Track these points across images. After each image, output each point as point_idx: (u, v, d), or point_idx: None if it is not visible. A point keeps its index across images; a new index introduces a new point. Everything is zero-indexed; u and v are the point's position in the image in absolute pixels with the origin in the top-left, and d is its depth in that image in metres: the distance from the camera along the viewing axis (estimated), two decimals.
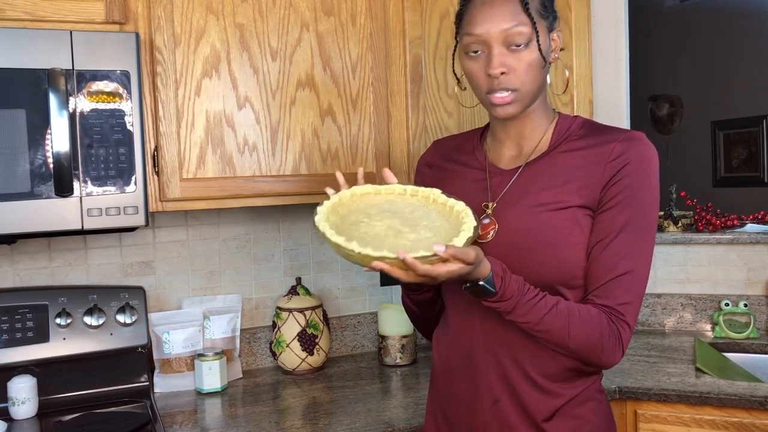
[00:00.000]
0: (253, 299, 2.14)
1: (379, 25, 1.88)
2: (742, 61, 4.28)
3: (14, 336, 1.75)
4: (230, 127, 1.74)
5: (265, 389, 1.91)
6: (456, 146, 1.36)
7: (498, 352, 1.21)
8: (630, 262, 1.15)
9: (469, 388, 1.24)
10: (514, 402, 1.20)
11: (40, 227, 1.50)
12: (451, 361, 1.28)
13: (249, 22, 1.74)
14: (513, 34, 1.13)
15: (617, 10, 2.39)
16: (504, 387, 1.21)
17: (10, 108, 1.46)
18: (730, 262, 2.30)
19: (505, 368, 1.21)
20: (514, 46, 1.13)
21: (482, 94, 1.19)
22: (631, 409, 1.79)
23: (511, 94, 1.15)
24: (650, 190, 1.17)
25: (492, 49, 1.14)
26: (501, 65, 1.13)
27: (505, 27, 1.12)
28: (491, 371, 1.22)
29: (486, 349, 1.22)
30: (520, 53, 1.14)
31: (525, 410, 1.20)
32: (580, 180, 1.18)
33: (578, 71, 2.18)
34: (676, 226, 2.41)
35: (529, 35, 1.13)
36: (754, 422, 1.67)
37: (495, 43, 1.13)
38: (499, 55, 1.13)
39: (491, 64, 1.13)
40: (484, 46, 1.15)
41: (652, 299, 2.38)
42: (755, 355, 2.15)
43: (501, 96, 1.15)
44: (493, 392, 1.21)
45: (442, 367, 1.31)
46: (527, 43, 1.14)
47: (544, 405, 1.20)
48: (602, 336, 1.14)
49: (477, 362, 1.23)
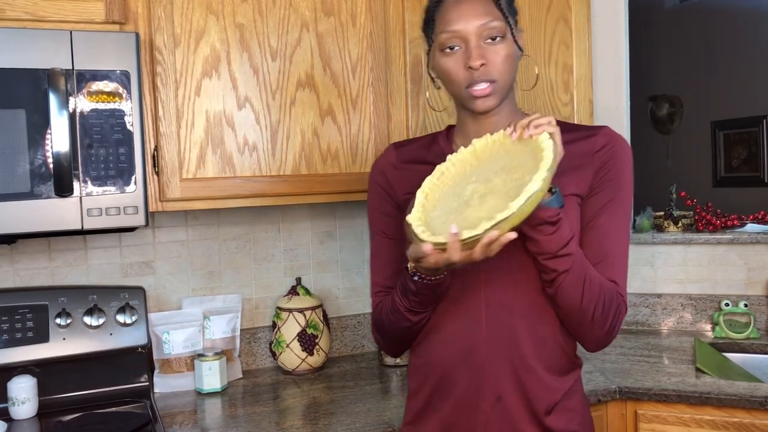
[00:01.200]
0: (253, 299, 2.14)
1: (379, 25, 1.88)
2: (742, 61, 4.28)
3: (14, 336, 1.75)
4: (230, 127, 1.74)
5: (265, 389, 1.91)
6: (422, 147, 1.34)
7: (504, 346, 1.21)
8: (618, 244, 1.22)
9: (469, 388, 1.23)
10: (520, 397, 1.21)
11: (39, 227, 1.50)
12: (446, 365, 1.25)
13: (249, 22, 1.74)
14: (489, 28, 1.17)
15: (617, 10, 2.39)
16: (510, 382, 1.21)
17: (11, 108, 1.46)
18: (730, 262, 2.30)
19: (513, 362, 1.21)
20: (490, 39, 1.18)
21: (461, 89, 1.20)
22: (631, 409, 1.79)
23: (490, 86, 1.19)
24: (630, 177, 1.27)
25: (470, 43, 1.17)
26: (481, 57, 1.17)
27: (481, 22, 1.17)
28: (497, 367, 1.21)
29: (491, 344, 1.21)
30: (496, 46, 1.18)
31: (529, 405, 1.21)
32: (571, 171, 1.22)
33: (578, 71, 2.18)
34: (676, 226, 2.41)
35: (503, 29, 1.18)
36: (754, 422, 1.67)
37: (472, 37, 1.17)
38: (477, 48, 1.17)
39: (471, 56, 1.17)
40: (461, 41, 1.18)
41: (652, 299, 2.38)
42: (755, 355, 2.15)
43: (481, 88, 1.18)
44: (497, 389, 1.21)
45: (431, 373, 1.27)
46: (503, 36, 1.18)
47: (545, 399, 1.21)
48: (612, 305, 1.18)
49: (480, 359, 1.22)
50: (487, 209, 1.03)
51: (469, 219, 1.03)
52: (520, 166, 1.06)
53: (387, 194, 1.31)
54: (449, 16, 1.19)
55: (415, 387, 1.31)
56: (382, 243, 1.32)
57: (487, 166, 1.12)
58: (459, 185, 1.12)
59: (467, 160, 1.15)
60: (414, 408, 1.31)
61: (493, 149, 1.14)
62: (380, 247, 1.32)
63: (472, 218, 1.03)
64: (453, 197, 1.10)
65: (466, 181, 1.12)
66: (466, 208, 1.06)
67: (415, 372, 1.31)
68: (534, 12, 2.10)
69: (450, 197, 1.11)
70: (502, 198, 1.03)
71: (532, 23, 2.10)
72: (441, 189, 1.13)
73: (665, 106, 4.74)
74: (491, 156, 1.13)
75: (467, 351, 1.23)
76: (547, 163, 1.01)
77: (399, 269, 1.26)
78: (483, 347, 1.22)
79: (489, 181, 1.08)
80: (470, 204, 1.06)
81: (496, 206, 1.01)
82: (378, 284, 1.31)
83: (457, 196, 1.10)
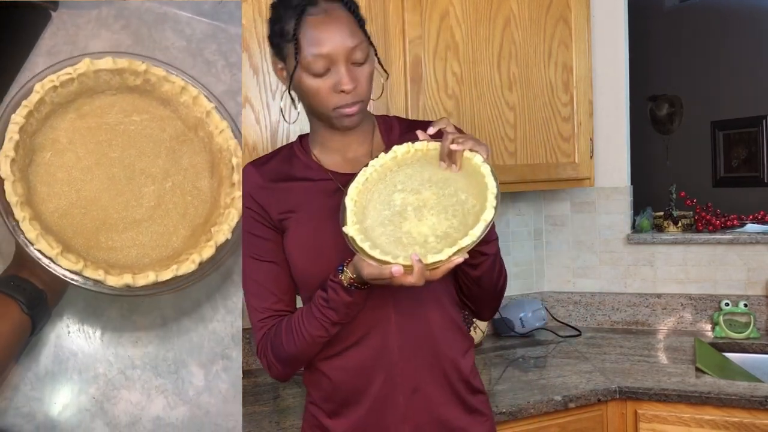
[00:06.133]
0: None
1: (379, 25, 1.88)
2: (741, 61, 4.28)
3: None
4: None
5: (265, 389, 1.91)
6: (282, 163, 1.30)
7: (416, 338, 1.24)
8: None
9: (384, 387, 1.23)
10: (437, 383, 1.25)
11: None
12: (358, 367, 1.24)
13: (249, 22, 1.74)
14: (356, 51, 1.17)
15: (617, 10, 2.39)
16: (425, 372, 1.24)
17: None
18: (730, 262, 2.30)
19: (426, 351, 1.24)
20: (355, 62, 1.18)
21: (328, 109, 1.21)
22: (631, 409, 1.79)
23: (358, 105, 1.20)
24: None
25: (340, 67, 1.17)
26: (353, 80, 1.17)
27: (349, 45, 1.17)
28: (411, 360, 1.23)
29: (403, 338, 1.23)
30: (363, 67, 1.19)
31: (448, 387, 1.26)
32: None
33: (578, 71, 2.19)
34: (676, 226, 2.41)
35: (367, 50, 1.20)
36: (754, 422, 1.67)
37: (343, 59, 1.17)
38: (348, 71, 1.17)
39: (342, 81, 1.17)
40: (330, 64, 1.17)
41: (652, 299, 2.38)
42: (755, 355, 2.15)
43: (351, 110, 1.20)
44: (413, 381, 1.23)
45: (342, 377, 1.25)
46: (367, 56, 1.20)
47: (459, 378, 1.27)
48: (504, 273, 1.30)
49: (394, 356, 1.23)
50: (429, 226, 1.09)
51: (411, 234, 1.09)
52: (450, 182, 1.13)
53: (261, 217, 1.25)
54: (317, 37, 1.16)
55: (321, 394, 1.28)
56: (261, 267, 1.25)
57: (409, 173, 1.17)
58: (384, 192, 1.15)
59: (387, 166, 1.18)
60: (321, 412, 1.29)
61: (415, 157, 1.18)
62: (260, 271, 1.26)
63: (414, 233, 1.09)
64: (382, 205, 1.14)
65: (391, 188, 1.15)
66: (402, 220, 1.11)
67: (320, 379, 1.27)
68: (534, 12, 2.10)
69: (378, 205, 1.14)
70: (441, 214, 1.10)
71: (532, 23, 2.10)
72: (366, 196, 1.15)
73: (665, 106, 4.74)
74: (412, 163, 1.18)
75: (380, 350, 1.23)
76: (493, 190, 1.07)
77: (287, 291, 1.26)
78: (395, 343, 1.23)
79: (418, 192, 1.13)
80: (405, 216, 1.11)
81: (439, 224, 1.09)
82: (266, 309, 1.25)
83: (387, 205, 1.13)
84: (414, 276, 1.04)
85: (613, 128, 2.41)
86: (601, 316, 2.45)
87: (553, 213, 2.53)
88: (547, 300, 2.52)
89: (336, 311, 1.16)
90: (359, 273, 1.09)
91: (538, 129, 2.14)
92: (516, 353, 2.16)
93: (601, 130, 2.39)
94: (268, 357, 1.26)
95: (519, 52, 2.09)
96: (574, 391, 1.75)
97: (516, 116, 2.10)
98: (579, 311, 2.48)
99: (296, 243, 1.23)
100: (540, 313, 2.34)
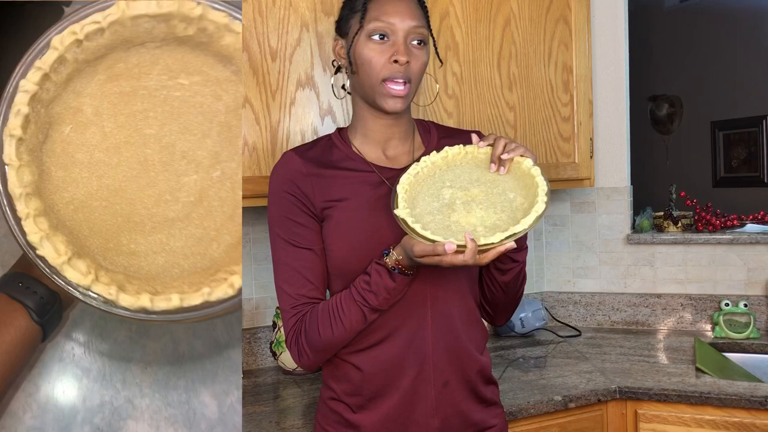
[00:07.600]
0: (253, 299, 2.14)
1: None
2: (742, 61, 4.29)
3: None
4: None
5: (265, 389, 1.91)
6: (324, 152, 1.30)
7: (445, 334, 1.26)
8: None
9: (417, 378, 1.25)
10: (461, 379, 1.28)
11: None
12: (392, 359, 1.24)
13: (249, 21, 1.74)
14: (418, 32, 1.23)
15: (617, 10, 2.39)
16: (452, 367, 1.27)
17: None
18: (730, 262, 2.30)
19: (453, 347, 1.27)
20: (416, 43, 1.23)
21: (377, 81, 1.22)
22: (631, 409, 1.79)
23: (406, 87, 1.22)
24: None
25: (399, 38, 1.21)
26: (407, 54, 1.21)
27: (413, 24, 1.22)
28: (441, 354, 1.26)
29: (435, 332, 1.25)
30: (420, 50, 1.24)
31: (469, 385, 1.29)
32: None
33: (578, 71, 2.19)
34: (675, 226, 2.41)
35: (427, 37, 1.25)
36: (754, 422, 1.67)
37: (403, 34, 1.22)
38: (407, 45, 1.22)
39: (399, 51, 1.20)
40: (392, 35, 1.21)
41: (652, 299, 2.38)
42: (755, 355, 2.15)
43: (397, 88, 1.22)
44: (443, 375, 1.26)
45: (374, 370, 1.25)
46: (425, 43, 1.24)
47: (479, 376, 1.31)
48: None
49: (427, 349, 1.25)
50: (478, 218, 1.12)
51: (460, 223, 1.11)
52: (499, 183, 1.18)
53: (302, 203, 1.24)
54: (386, 7, 1.22)
55: (347, 388, 1.27)
56: (299, 253, 1.24)
57: (458, 173, 1.21)
58: (434, 187, 1.19)
59: (438, 164, 1.22)
60: (345, 407, 1.28)
61: (465, 159, 1.23)
62: (296, 257, 1.24)
63: (463, 222, 1.11)
64: (431, 197, 1.17)
65: (440, 184, 1.19)
66: (450, 211, 1.14)
67: (348, 372, 1.26)
68: (534, 12, 2.10)
69: (427, 197, 1.17)
70: (490, 209, 1.13)
71: (532, 23, 2.10)
72: (416, 188, 1.19)
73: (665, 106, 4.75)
74: (462, 165, 1.22)
75: (414, 343, 1.25)
76: (544, 188, 1.12)
77: (323, 280, 1.26)
78: (429, 336, 1.25)
79: (467, 189, 1.17)
80: (454, 209, 1.14)
81: (488, 217, 1.12)
82: (300, 296, 1.24)
83: (436, 197, 1.17)
84: (467, 254, 1.04)
85: (613, 128, 2.41)
86: (601, 316, 2.45)
87: (553, 213, 2.53)
88: (547, 300, 2.52)
89: (376, 295, 1.16)
90: (409, 252, 1.10)
91: (538, 129, 2.14)
92: (516, 353, 2.16)
93: (601, 131, 2.39)
94: (300, 343, 1.23)
95: (519, 52, 2.09)
96: (574, 391, 1.75)
97: (516, 116, 2.10)
98: (579, 311, 2.48)
99: (340, 232, 1.23)
100: (540, 313, 2.34)
